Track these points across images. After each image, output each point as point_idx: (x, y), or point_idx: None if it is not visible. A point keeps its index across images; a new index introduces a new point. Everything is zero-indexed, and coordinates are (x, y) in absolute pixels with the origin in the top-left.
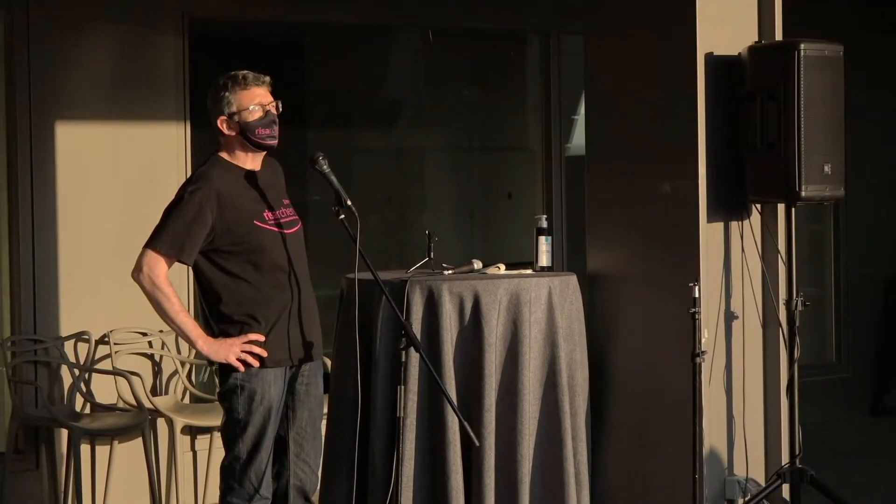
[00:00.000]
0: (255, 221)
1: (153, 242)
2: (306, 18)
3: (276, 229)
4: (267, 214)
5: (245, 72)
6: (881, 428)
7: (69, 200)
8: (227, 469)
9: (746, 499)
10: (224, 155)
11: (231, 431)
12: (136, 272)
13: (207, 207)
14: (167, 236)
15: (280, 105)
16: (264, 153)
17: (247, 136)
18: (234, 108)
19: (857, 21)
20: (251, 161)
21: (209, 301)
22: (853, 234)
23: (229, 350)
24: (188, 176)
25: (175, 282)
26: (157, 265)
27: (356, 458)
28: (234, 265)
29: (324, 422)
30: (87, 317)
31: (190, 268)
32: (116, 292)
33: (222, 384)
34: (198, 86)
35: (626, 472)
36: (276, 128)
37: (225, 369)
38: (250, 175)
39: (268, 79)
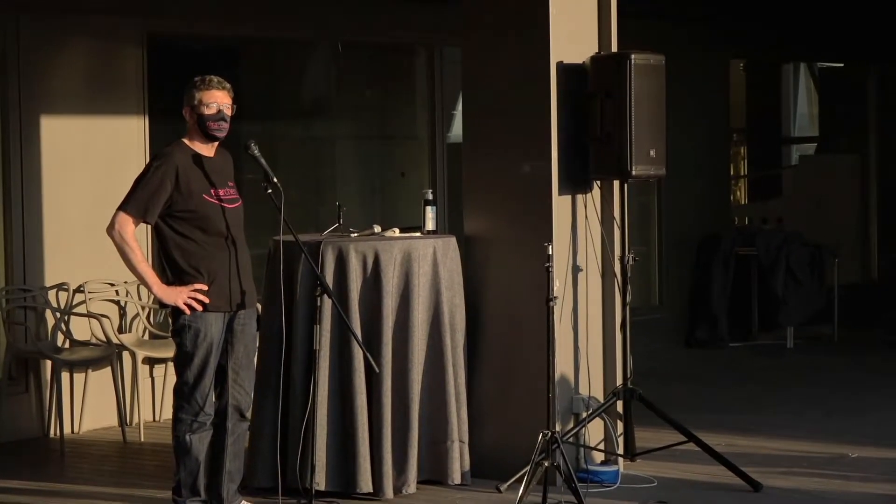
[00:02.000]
0: (203, 195)
1: (124, 205)
2: (240, 33)
3: (218, 203)
4: (213, 191)
5: (212, 76)
6: (693, 357)
7: (51, 178)
8: (177, 391)
9: (588, 412)
10: (186, 140)
11: (180, 361)
12: (110, 228)
13: (168, 180)
14: (135, 201)
15: (234, 108)
16: (217, 143)
17: (201, 126)
18: (195, 102)
19: (682, 35)
20: (206, 148)
21: (165, 256)
22: (672, 204)
23: (178, 296)
24: (151, 156)
25: (140, 239)
26: (126, 223)
27: (281, 383)
28: (186, 228)
29: (256, 354)
30: (66, 270)
31: (151, 228)
32: (90, 251)
33: (174, 324)
34: (155, 88)
35: (496, 392)
36: (226, 125)
37: (175, 312)
38: (203, 159)
39: (228, 85)
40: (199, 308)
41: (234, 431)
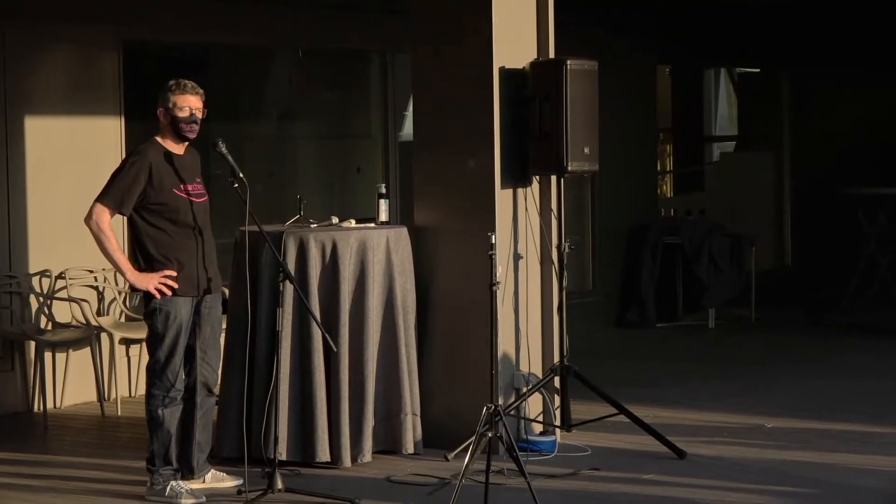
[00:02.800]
0: (173, 190)
1: (101, 197)
2: (208, 40)
3: (187, 197)
4: (183, 186)
5: (187, 82)
6: (623, 336)
7: (35, 173)
8: (150, 369)
9: (528, 387)
10: (159, 138)
11: (152, 342)
12: (88, 219)
13: (142, 175)
14: (111, 194)
15: (205, 112)
16: (187, 143)
17: (174, 127)
18: (170, 105)
19: (613, 43)
20: (177, 147)
21: (138, 245)
22: (604, 197)
23: (149, 281)
24: (127, 152)
25: (116, 230)
26: (103, 214)
27: (246, 362)
28: (157, 220)
29: (223, 335)
30: (49, 258)
31: (126, 219)
32: (70, 241)
33: (146, 307)
34: (130, 91)
35: (444, 369)
36: (197, 127)
37: (147, 296)
38: (174, 156)
39: (201, 91)
40: (169, 293)
41: (202, 406)
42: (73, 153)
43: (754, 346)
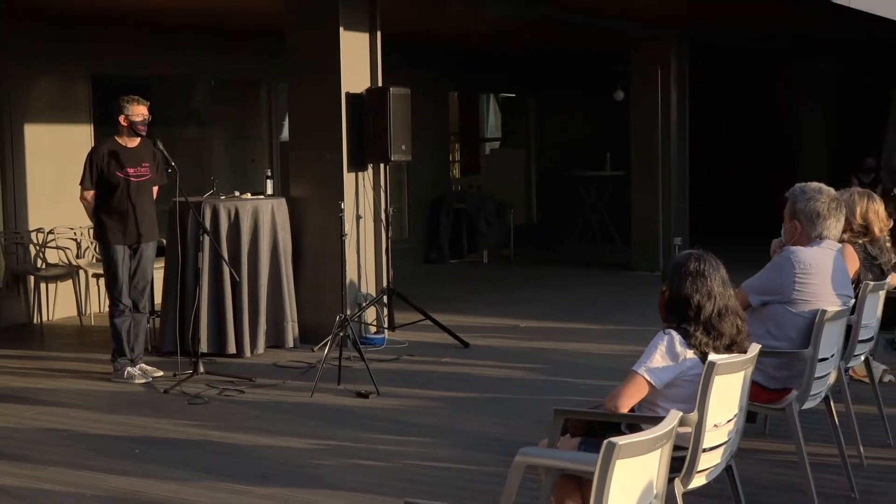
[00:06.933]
0: (116, 172)
1: (81, 182)
2: (152, 72)
3: (125, 177)
4: (126, 169)
5: (138, 97)
6: (428, 270)
7: (32, 163)
8: (107, 288)
9: (367, 302)
10: (116, 136)
11: (106, 273)
12: (80, 197)
13: (96, 160)
14: (84, 178)
15: (150, 118)
16: (139, 138)
17: (130, 127)
18: (128, 113)
19: (420, 76)
20: (131, 142)
21: (95, 207)
22: (415, 178)
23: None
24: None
25: None
26: (86, 193)
27: (178, 287)
28: (105, 191)
29: (163, 271)
30: (42, 219)
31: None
32: (56, 208)
33: (99, 251)
34: (96, 107)
35: (312, 292)
36: (146, 127)
37: (101, 244)
38: (122, 148)
39: (147, 103)
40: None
41: (132, 319)
42: (57, 150)
43: (514, 274)
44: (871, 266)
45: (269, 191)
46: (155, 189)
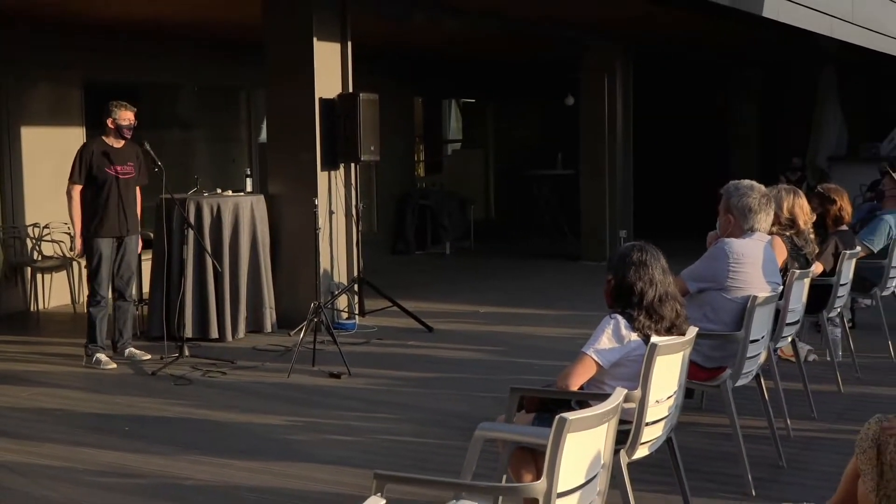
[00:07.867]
0: (105, 168)
1: (70, 177)
2: (139, 79)
3: (114, 174)
4: (113, 167)
5: (126, 102)
6: (395, 260)
7: (29, 162)
8: (88, 278)
9: (339, 290)
10: (103, 137)
11: (89, 264)
12: (67, 191)
13: (86, 157)
14: (73, 173)
15: (136, 121)
16: (124, 140)
17: (117, 130)
18: (115, 117)
19: (388, 82)
20: (117, 143)
21: (82, 202)
22: (383, 176)
23: (78, 241)
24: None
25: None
26: (74, 188)
27: (164, 276)
28: (92, 187)
29: (149, 262)
30: (38, 215)
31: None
32: (51, 204)
33: (84, 246)
34: (88, 111)
35: (289, 281)
36: (131, 131)
37: (84, 239)
38: (109, 148)
39: (134, 108)
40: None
41: (119, 307)
42: (52, 151)
43: (474, 264)
44: (797, 256)
45: (249, 188)
46: (137, 188)
